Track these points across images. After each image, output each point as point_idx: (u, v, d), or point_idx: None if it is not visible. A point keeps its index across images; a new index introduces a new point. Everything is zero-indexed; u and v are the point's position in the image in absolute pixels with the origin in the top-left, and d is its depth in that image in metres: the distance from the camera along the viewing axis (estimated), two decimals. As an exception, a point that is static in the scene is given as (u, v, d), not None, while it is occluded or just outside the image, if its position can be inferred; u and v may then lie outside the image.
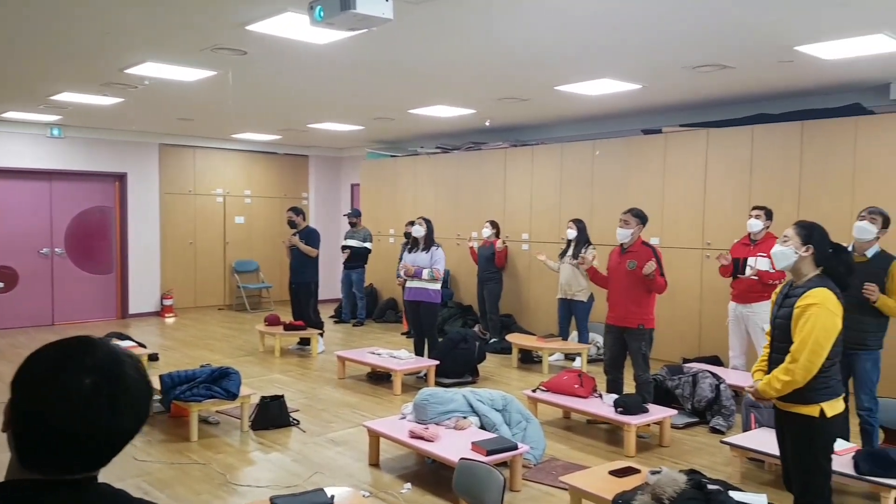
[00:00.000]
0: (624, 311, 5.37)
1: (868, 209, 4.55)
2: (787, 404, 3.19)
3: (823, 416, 3.10)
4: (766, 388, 3.18)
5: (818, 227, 3.27)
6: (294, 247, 8.28)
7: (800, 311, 3.08)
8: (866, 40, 4.85)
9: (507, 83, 6.64)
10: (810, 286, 3.13)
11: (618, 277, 5.43)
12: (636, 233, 5.41)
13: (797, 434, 3.20)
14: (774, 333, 3.29)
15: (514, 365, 7.75)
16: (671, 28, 4.75)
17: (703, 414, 5.63)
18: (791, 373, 3.06)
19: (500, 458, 4.17)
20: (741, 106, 7.50)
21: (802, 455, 3.19)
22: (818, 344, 3.02)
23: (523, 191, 9.32)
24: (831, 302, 3.07)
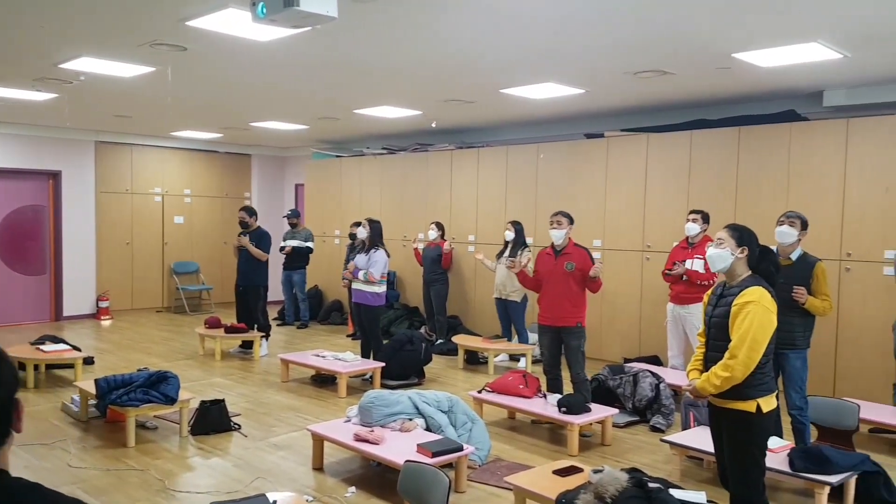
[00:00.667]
0: (562, 310, 5.44)
1: (786, 214, 4.71)
2: (724, 401, 3.25)
3: (759, 411, 3.19)
4: (704, 385, 3.24)
5: (748, 229, 3.38)
6: (242, 248, 8.08)
7: (738, 308, 3.16)
8: (801, 48, 5.03)
9: (452, 85, 6.65)
10: (746, 285, 3.22)
11: (554, 279, 5.49)
12: (567, 233, 5.51)
13: (734, 429, 3.27)
14: (711, 332, 3.35)
15: (461, 366, 7.77)
16: (613, 34, 4.83)
17: (643, 413, 5.75)
18: (730, 369, 3.12)
19: (446, 459, 4.17)
20: (681, 111, 7.70)
21: (739, 450, 3.26)
22: (756, 340, 3.10)
23: (469, 192, 9.36)
24: (767, 299, 3.16)
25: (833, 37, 4.74)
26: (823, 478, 3.91)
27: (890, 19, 4.33)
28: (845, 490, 4.08)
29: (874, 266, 6.06)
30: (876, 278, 6.03)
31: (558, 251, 5.52)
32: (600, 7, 4.25)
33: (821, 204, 6.28)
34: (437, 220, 8.97)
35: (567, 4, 4.20)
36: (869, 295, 6.04)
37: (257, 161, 12.86)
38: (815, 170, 6.42)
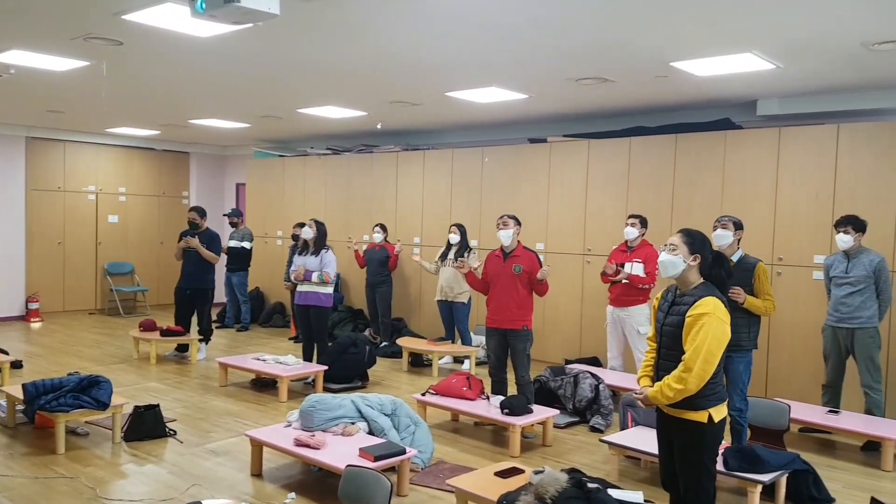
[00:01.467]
0: (509, 313, 5.47)
1: (719, 218, 4.89)
2: (677, 410, 3.21)
3: (711, 421, 3.16)
4: (657, 395, 3.20)
5: (702, 235, 3.33)
6: (190, 249, 7.83)
7: (692, 320, 3.11)
8: (736, 58, 5.18)
9: (398, 87, 6.63)
10: (699, 294, 3.18)
11: (502, 281, 5.51)
12: (515, 235, 5.54)
13: (686, 439, 3.24)
14: (663, 341, 3.30)
15: (405, 369, 7.74)
16: (555, 42, 4.89)
17: (583, 413, 5.84)
18: (684, 381, 3.08)
19: (388, 463, 4.15)
20: (620, 118, 7.86)
21: (691, 459, 3.25)
22: (711, 353, 3.07)
23: (414, 194, 9.34)
24: (721, 310, 3.13)
25: (766, 48, 4.91)
26: (756, 477, 4.03)
27: (819, 32, 4.51)
28: (777, 488, 4.22)
29: (804, 270, 6.30)
30: (806, 282, 6.27)
31: (507, 253, 5.55)
32: (543, 15, 4.30)
33: (754, 210, 6.50)
34: (381, 222, 8.92)
35: (511, 11, 4.24)
36: (800, 298, 6.27)
37: (196, 159, 12.56)
38: (749, 176, 6.64)
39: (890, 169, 5.88)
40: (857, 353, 5.28)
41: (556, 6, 4.14)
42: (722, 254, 3.38)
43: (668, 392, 3.14)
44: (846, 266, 5.30)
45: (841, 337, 5.35)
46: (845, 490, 4.48)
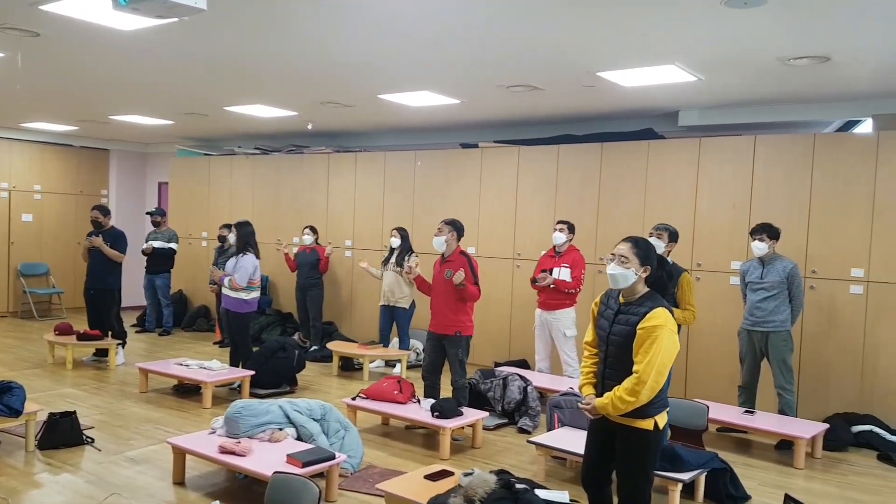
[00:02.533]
0: (443, 318, 5.49)
1: (656, 226, 5.08)
2: (624, 418, 3.21)
3: (657, 428, 3.20)
4: (607, 407, 3.17)
5: (648, 243, 3.33)
6: (94, 249, 7.54)
7: (645, 332, 3.11)
8: (659, 70, 5.36)
9: (329, 88, 6.56)
10: (648, 305, 3.17)
11: (438, 286, 5.54)
12: (451, 241, 5.54)
13: (631, 446, 3.25)
14: (610, 350, 3.27)
15: (335, 373, 7.65)
16: (486, 48, 4.95)
17: (512, 415, 5.91)
18: (637, 394, 3.08)
19: (317, 469, 4.09)
20: (550, 126, 8.02)
21: (634, 465, 3.28)
22: (664, 364, 3.09)
23: (346, 197, 9.26)
24: (671, 322, 3.14)
25: (688, 60, 5.10)
26: (676, 475, 4.17)
27: (738, 47, 4.71)
28: (696, 486, 4.38)
29: (722, 276, 6.57)
30: (723, 288, 6.54)
31: (444, 258, 5.57)
32: (475, 21, 4.34)
33: (674, 217, 6.71)
34: (311, 224, 8.80)
35: (442, 16, 4.26)
36: (717, 303, 6.54)
37: (116, 157, 12.07)
38: (670, 185, 6.88)
39: (802, 179, 6.21)
40: (771, 355, 5.54)
41: (486, 13, 4.19)
42: (664, 257, 3.39)
43: (619, 405, 3.13)
44: (761, 272, 5.56)
45: (756, 340, 5.60)
46: (760, 487, 4.67)
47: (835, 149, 6.09)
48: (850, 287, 5.97)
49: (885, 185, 5.84)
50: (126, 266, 7.83)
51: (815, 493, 4.64)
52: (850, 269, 5.97)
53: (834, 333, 6.05)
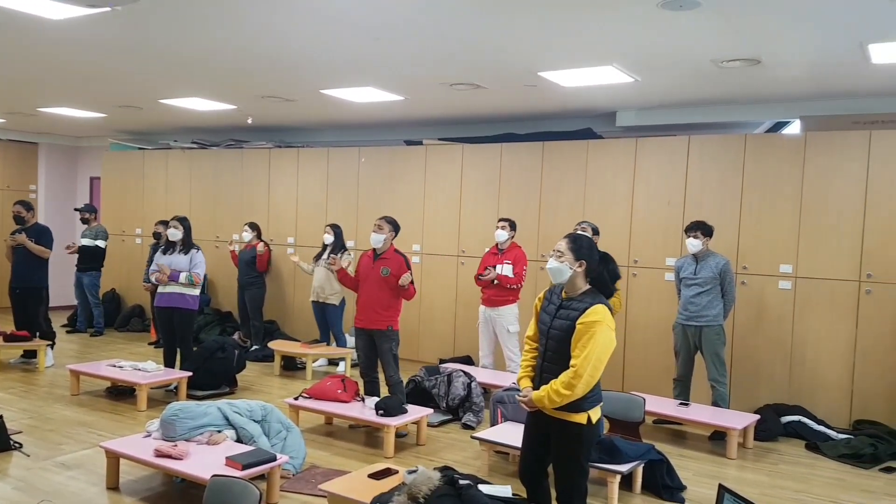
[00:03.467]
0: (374, 314, 5.47)
1: (580, 223, 5.19)
2: (558, 412, 3.27)
3: (590, 422, 3.26)
4: (543, 400, 3.23)
5: (589, 240, 3.39)
6: (19, 246, 7.23)
7: (584, 327, 3.16)
8: (598, 71, 5.46)
9: (270, 81, 6.44)
10: (588, 301, 3.23)
11: (369, 282, 5.52)
12: (388, 239, 5.54)
13: (566, 439, 3.31)
14: (549, 344, 3.32)
15: (277, 373, 7.54)
16: (430, 46, 4.95)
17: (456, 411, 5.95)
18: (573, 387, 3.13)
19: (257, 471, 4.02)
20: (493, 125, 8.08)
21: (569, 458, 3.35)
22: (599, 360, 3.15)
23: (288, 193, 9.12)
24: (609, 318, 3.21)
25: (626, 62, 5.21)
26: (614, 467, 4.27)
27: (673, 49, 4.83)
28: (633, 478, 4.50)
29: (657, 272, 6.75)
30: (659, 283, 6.71)
31: (378, 255, 5.55)
32: (419, 18, 4.33)
33: (613, 215, 6.89)
34: (251, 221, 8.64)
35: (386, 12, 4.23)
36: (653, 298, 6.71)
37: (46, 150, 11.58)
38: (608, 183, 7.03)
39: (734, 178, 6.42)
40: (705, 349, 5.72)
41: (430, 11, 4.18)
42: (608, 254, 3.44)
43: (555, 398, 3.19)
44: (695, 268, 5.74)
45: (690, 334, 5.77)
46: (695, 478, 4.82)
47: (764, 149, 6.33)
48: (779, 282, 6.22)
49: (811, 184, 6.10)
50: (56, 264, 7.56)
51: (747, 482, 4.81)
52: (778, 265, 6.22)
53: (764, 327, 6.29)
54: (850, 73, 5.22)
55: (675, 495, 4.45)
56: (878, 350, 5.84)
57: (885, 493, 4.67)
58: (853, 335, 5.93)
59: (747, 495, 3.75)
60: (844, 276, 5.96)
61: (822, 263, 6.05)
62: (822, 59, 4.89)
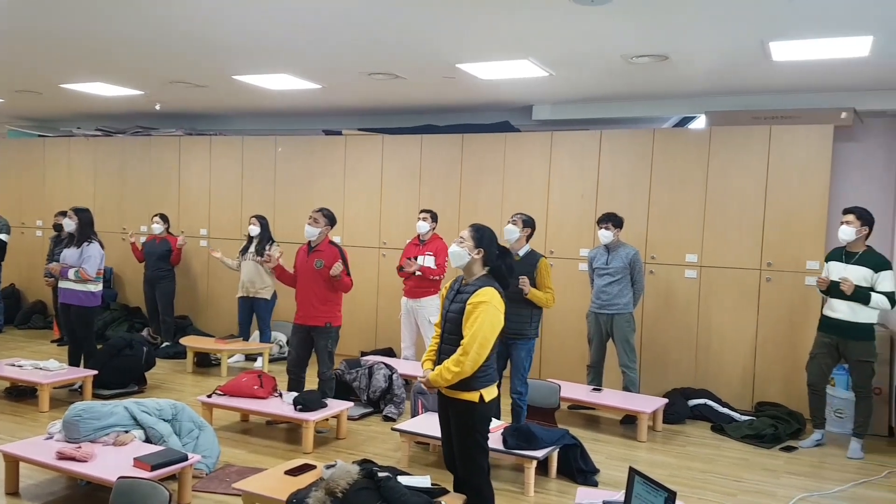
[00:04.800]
0: (311, 309, 5.38)
1: (514, 215, 5.29)
2: (452, 392, 3.48)
3: (482, 400, 3.47)
4: (437, 378, 3.44)
5: (489, 231, 3.60)
6: None
7: (471, 307, 3.38)
8: (514, 64, 5.52)
9: (179, 66, 6.19)
10: (479, 285, 3.45)
11: (305, 276, 5.42)
12: (324, 232, 5.45)
13: (461, 418, 3.52)
14: (447, 327, 3.55)
15: (190, 370, 7.30)
16: (347, 33, 4.86)
17: (377, 404, 5.93)
18: (461, 364, 3.35)
19: (167, 471, 3.89)
20: (413, 116, 8.06)
21: (465, 436, 3.52)
22: (486, 338, 3.36)
23: (201, 183, 8.83)
24: (497, 300, 3.43)
25: (541, 56, 5.29)
26: (531, 453, 4.37)
27: (585, 44, 4.94)
28: (549, 462, 4.61)
29: (572, 262, 6.92)
30: (573, 274, 6.88)
31: (312, 248, 5.44)
32: (334, 6, 4.26)
33: (530, 206, 6.98)
34: (161, 212, 8.31)
35: (302, -2, 4.15)
36: (568, 288, 6.87)
37: (-67, 137, 10.77)
38: (526, 176, 7.14)
39: (643, 172, 6.65)
40: (616, 336, 5.92)
41: (347, -1, 4.13)
42: (507, 249, 3.66)
43: (446, 375, 3.39)
44: (607, 258, 5.91)
45: (602, 322, 5.95)
46: (608, 461, 4.99)
47: (672, 143, 6.58)
48: (686, 271, 6.50)
49: (715, 177, 6.39)
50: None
51: (657, 463, 5.02)
52: (685, 255, 6.49)
53: (671, 315, 6.56)
54: (753, 70, 5.48)
55: (588, 478, 4.60)
56: (777, 335, 6.19)
57: (785, 471, 4.97)
58: (755, 321, 6.26)
59: (657, 476, 3.90)
60: (746, 265, 6.28)
61: (725, 253, 6.35)
62: (725, 56, 5.11)
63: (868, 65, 5.10)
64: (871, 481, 4.79)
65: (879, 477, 4.86)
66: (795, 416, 5.80)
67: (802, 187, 6.09)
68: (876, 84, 5.79)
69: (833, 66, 5.22)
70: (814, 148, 6.05)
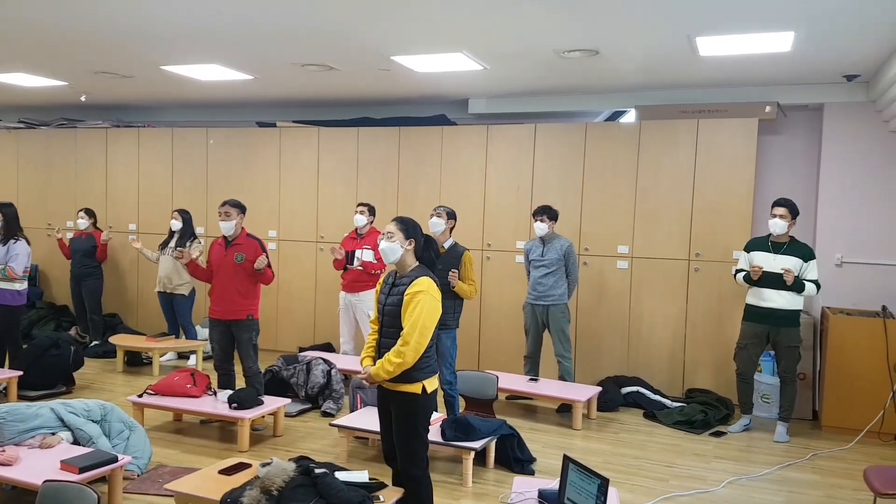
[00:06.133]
0: (232, 303, 5.29)
1: (436, 208, 5.35)
2: (395, 384, 3.47)
3: (425, 392, 3.48)
4: (379, 371, 3.41)
5: (413, 221, 3.66)
6: None
7: (409, 297, 3.39)
8: (449, 57, 5.53)
9: (104, 56, 5.96)
10: (415, 276, 3.47)
11: (224, 270, 5.32)
12: (239, 224, 5.37)
13: (403, 410, 3.51)
14: (384, 320, 3.54)
15: (120, 369, 7.09)
16: (278, 22, 4.74)
17: (315, 399, 5.89)
18: (403, 355, 3.35)
19: (96, 473, 3.78)
20: (349, 108, 7.99)
21: (406, 429, 3.52)
22: (426, 326, 3.38)
23: (129, 177, 8.55)
24: (434, 289, 3.46)
25: (475, 49, 5.31)
26: (468, 444, 4.42)
27: (518, 38, 4.97)
28: (487, 453, 4.67)
29: (509, 255, 7.00)
30: (510, 266, 6.97)
31: (230, 241, 5.34)
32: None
33: (467, 200, 7.05)
34: (87, 207, 8.01)
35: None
36: (505, 280, 6.96)
37: None
38: (463, 169, 7.18)
39: (576, 165, 6.77)
40: (552, 326, 6.02)
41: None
42: (431, 237, 3.71)
43: (388, 367, 3.38)
44: (542, 250, 6.01)
45: (538, 313, 6.05)
46: (544, 450, 5.08)
47: (603, 137, 6.72)
48: (617, 263, 6.66)
49: (645, 170, 6.56)
50: None
51: (591, 451, 5.14)
52: (617, 247, 6.65)
53: (604, 305, 6.72)
54: (680, 65, 5.64)
55: (525, 467, 4.68)
56: (705, 323, 6.41)
57: (714, 455, 5.15)
58: (684, 310, 6.47)
59: (591, 464, 4.01)
60: (675, 255, 6.48)
61: (655, 244, 6.54)
62: (654, 51, 5.24)
63: (790, 60, 5.31)
64: (797, 464, 5.01)
65: (804, 459, 5.10)
66: (724, 402, 6.03)
67: (729, 179, 6.31)
68: (798, 79, 6.04)
69: (757, 61, 5.42)
70: (739, 141, 6.27)
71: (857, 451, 5.27)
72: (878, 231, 6.13)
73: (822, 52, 5.10)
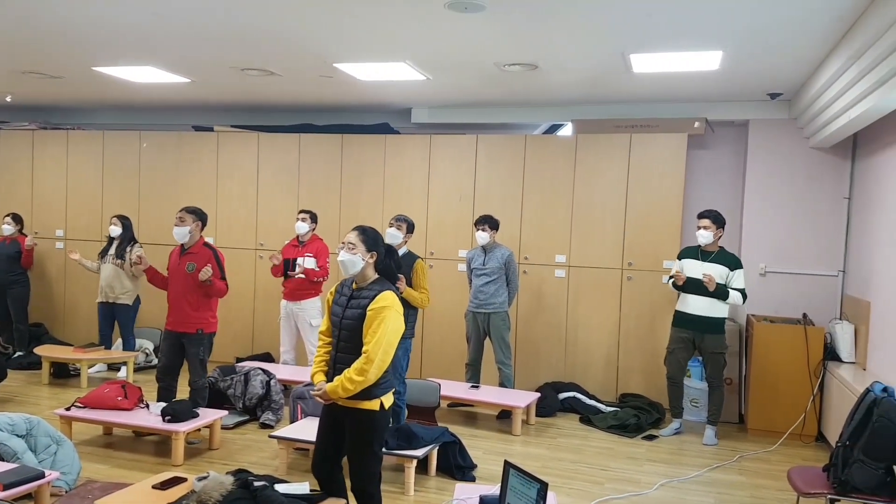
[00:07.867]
0: (182, 315, 5.15)
1: (395, 217, 5.35)
2: (352, 401, 3.33)
3: (382, 408, 3.38)
4: (337, 390, 3.28)
5: (376, 231, 3.52)
6: None
7: (374, 313, 3.28)
8: (392, 66, 5.55)
9: (31, 55, 5.73)
10: (377, 289, 3.36)
11: (176, 280, 5.18)
12: (195, 232, 5.22)
13: (359, 427, 3.39)
14: (342, 334, 3.39)
15: (46, 381, 6.79)
16: (216, 25, 4.64)
17: (254, 411, 5.78)
18: (365, 373, 3.23)
19: (21, 490, 3.62)
20: (291, 114, 7.91)
21: (362, 445, 3.42)
22: (390, 343, 3.29)
23: (56, 180, 8.23)
24: (398, 304, 3.37)
25: (417, 59, 5.35)
26: (411, 452, 4.44)
27: (460, 50, 5.03)
28: (429, 461, 4.70)
29: (451, 263, 7.06)
30: (452, 274, 7.02)
31: (185, 250, 5.20)
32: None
33: (411, 208, 7.04)
34: (13, 212, 7.67)
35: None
36: (447, 288, 7.00)
37: None
38: (406, 178, 7.21)
39: (516, 176, 6.89)
40: (493, 334, 6.10)
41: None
42: (392, 247, 3.64)
43: (348, 385, 3.26)
44: (483, 259, 6.09)
45: (480, 321, 6.12)
46: (485, 456, 5.13)
47: (542, 149, 6.86)
48: (556, 271, 6.80)
49: (581, 182, 6.72)
50: None
51: (531, 456, 5.23)
52: (555, 256, 6.79)
53: (543, 313, 6.84)
54: (615, 81, 5.82)
55: (466, 474, 4.72)
56: (638, 330, 6.61)
57: (647, 458, 5.31)
58: (617, 317, 6.66)
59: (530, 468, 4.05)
60: (609, 264, 6.66)
61: (591, 253, 6.71)
62: (590, 67, 5.39)
63: (718, 78, 5.55)
64: (725, 465, 5.22)
65: (731, 461, 5.30)
66: (655, 406, 6.22)
67: (659, 192, 6.53)
68: (725, 96, 6.32)
69: (687, 79, 5.64)
70: (670, 155, 6.51)
71: (780, 452, 5.52)
72: (799, 242, 6.46)
73: (748, 71, 5.35)
